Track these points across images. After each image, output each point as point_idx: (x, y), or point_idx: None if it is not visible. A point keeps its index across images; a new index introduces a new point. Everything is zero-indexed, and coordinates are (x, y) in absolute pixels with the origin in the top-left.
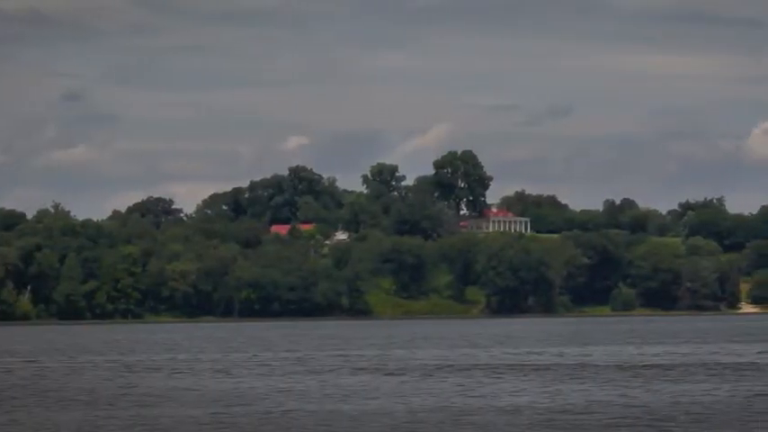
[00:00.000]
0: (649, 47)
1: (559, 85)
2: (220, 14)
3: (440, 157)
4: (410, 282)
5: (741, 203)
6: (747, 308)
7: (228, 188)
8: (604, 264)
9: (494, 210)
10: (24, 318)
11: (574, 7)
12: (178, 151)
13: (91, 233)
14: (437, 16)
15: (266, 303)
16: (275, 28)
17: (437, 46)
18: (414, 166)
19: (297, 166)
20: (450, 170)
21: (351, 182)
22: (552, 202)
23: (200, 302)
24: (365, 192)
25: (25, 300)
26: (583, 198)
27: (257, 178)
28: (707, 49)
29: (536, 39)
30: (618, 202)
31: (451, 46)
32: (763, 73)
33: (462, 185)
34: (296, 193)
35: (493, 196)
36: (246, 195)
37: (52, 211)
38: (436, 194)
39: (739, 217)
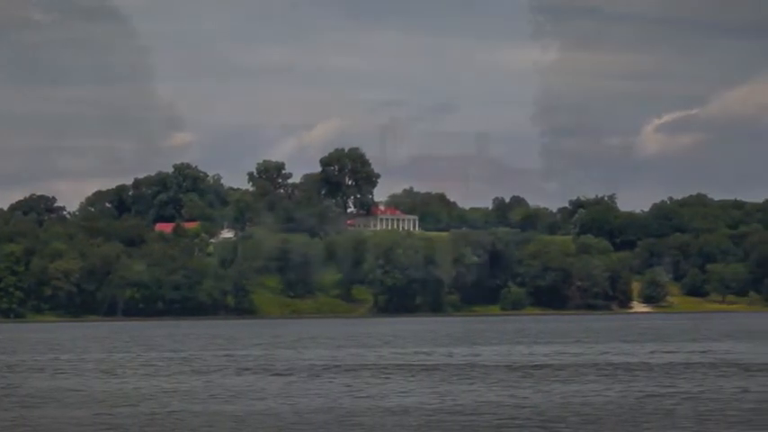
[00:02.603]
0: (539, 43)
1: (447, 81)
2: (104, 9)
3: (326, 155)
4: (296, 281)
5: (633, 201)
6: (639, 307)
7: (112, 186)
8: (494, 262)
9: (381, 207)
10: None
11: (460, 3)
12: (61, 148)
13: None
14: (323, 12)
15: (151, 302)
16: (159, 23)
17: (324, 42)
18: (300, 163)
19: (181, 164)
20: (336, 168)
21: (236, 179)
22: (441, 199)
23: (84, 301)
24: (251, 189)
25: None
26: (472, 196)
27: (141, 176)
28: (597, 44)
29: (423, 35)
30: (507, 200)
31: (338, 42)
32: (653, 69)
33: (349, 183)
34: (180, 191)
35: (381, 194)
36: (131, 193)
37: None
38: (323, 192)
39: (631, 215)
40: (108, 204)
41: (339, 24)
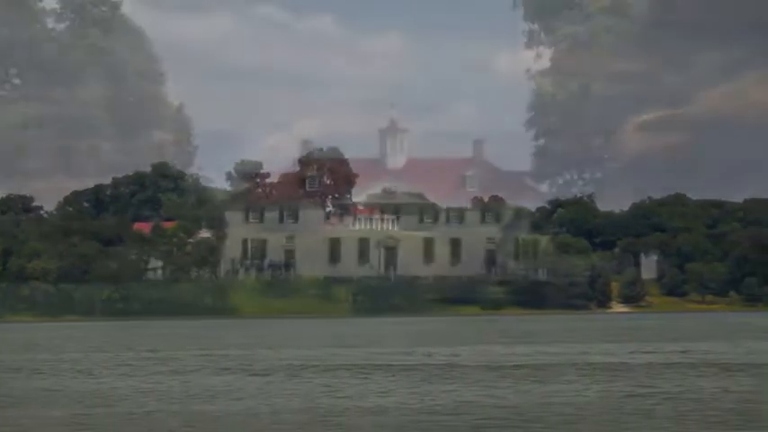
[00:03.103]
0: (523, 42)
1: (431, 81)
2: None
3: (305, 154)
4: (276, 280)
5: (612, 201)
6: (618, 307)
7: (90, 185)
8: (474, 262)
9: (360, 207)
10: None
11: (447, 2)
12: (39, 148)
13: None
14: (307, 9)
15: (129, 302)
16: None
17: (305, 39)
18: (278, 162)
19: (159, 163)
20: (315, 167)
21: (215, 178)
22: (421, 199)
23: (62, 301)
24: (229, 188)
25: None
26: (451, 196)
27: (120, 175)
28: (589, 48)
29: (409, 34)
30: (486, 199)
31: (321, 39)
32: (635, 68)
33: (328, 183)
34: (159, 190)
35: (360, 194)
36: (108, 192)
37: None
38: (301, 192)
39: (610, 214)
40: (86, 204)
41: (323, 21)
